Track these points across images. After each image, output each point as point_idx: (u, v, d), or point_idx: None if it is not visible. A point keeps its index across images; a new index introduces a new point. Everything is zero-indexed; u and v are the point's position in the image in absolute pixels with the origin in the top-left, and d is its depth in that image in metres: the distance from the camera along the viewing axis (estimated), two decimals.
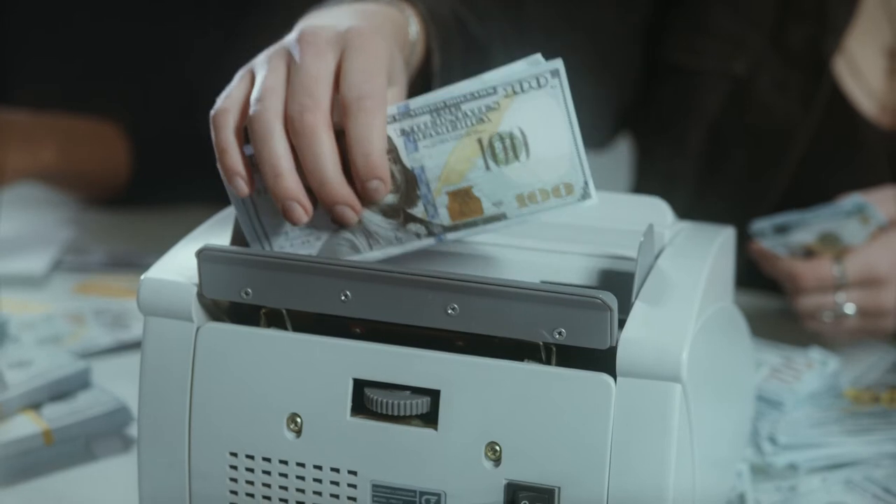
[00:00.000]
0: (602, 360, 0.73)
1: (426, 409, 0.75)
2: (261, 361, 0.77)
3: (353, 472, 0.76)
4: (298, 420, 0.76)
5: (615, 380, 0.73)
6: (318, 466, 0.76)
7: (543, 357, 0.74)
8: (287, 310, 0.78)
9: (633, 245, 0.77)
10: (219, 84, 0.82)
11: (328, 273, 0.76)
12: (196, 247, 0.78)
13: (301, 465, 0.77)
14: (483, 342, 0.75)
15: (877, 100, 1.23)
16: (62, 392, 0.98)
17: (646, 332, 0.73)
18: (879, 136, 1.22)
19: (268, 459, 0.77)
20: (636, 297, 0.75)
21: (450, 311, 0.74)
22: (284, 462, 0.77)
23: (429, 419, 0.75)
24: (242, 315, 0.79)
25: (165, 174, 1.45)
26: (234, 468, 0.78)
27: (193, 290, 0.78)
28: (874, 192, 1.08)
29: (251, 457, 0.77)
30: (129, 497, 0.81)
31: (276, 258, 0.77)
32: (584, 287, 0.76)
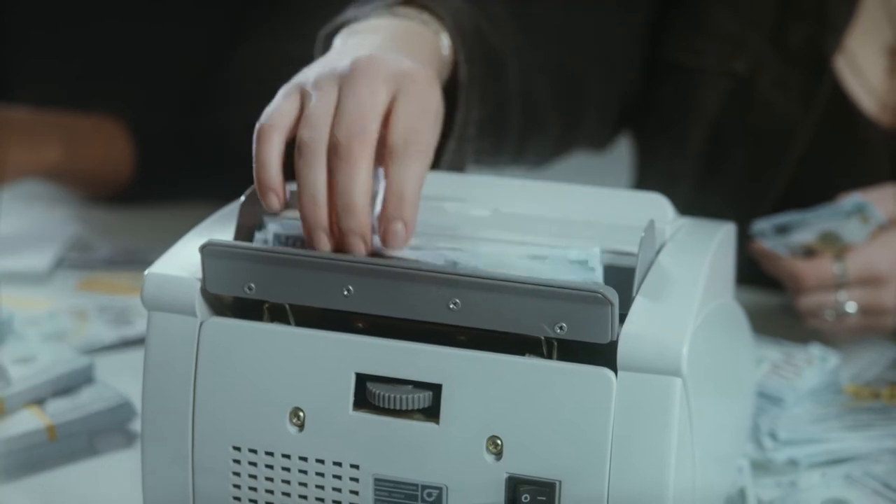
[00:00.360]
0: (603, 355, 0.74)
1: (428, 404, 0.75)
2: (264, 356, 0.77)
3: (356, 466, 0.76)
4: (301, 414, 0.77)
5: (616, 374, 0.73)
6: (321, 460, 0.77)
7: (545, 351, 0.75)
8: (290, 305, 0.78)
9: (634, 240, 0.78)
10: (222, 80, 0.83)
11: (331, 268, 0.76)
12: (200, 242, 0.78)
13: (303, 459, 0.77)
14: (485, 337, 0.75)
15: (877, 98, 1.23)
16: (65, 388, 0.99)
17: (646, 327, 0.74)
18: (880, 135, 1.23)
19: (270, 453, 0.77)
20: (637, 292, 0.76)
21: (451, 306, 0.75)
22: (287, 456, 0.77)
23: (430, 413, 0.75)
24: (246, 310, 0.79)
25: (169, 171, 1.45)
26: (237, 462, 0.78)
27: (197, 286, 0.78)
28: (874, 192, 1.09)
29: (254, 451, 0.78)
30: (133, 492, 0.82)
31: (279, 253, 0.77)
32: (585, 282, 0.76)
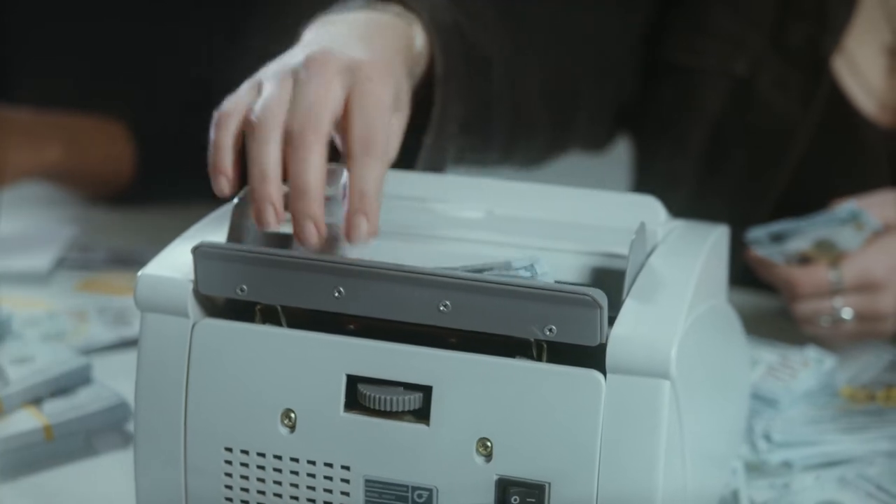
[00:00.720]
0: (593, 357, 0.74)
1: (418, 405, 0.76)
2: (255, 357, 0.78)
3: (347, 467, 0.77)
4: (293, 415, 0.77)
5: (605, 376, 0.73)
6: (312, 461, 0.77)
7: (535, 354, 0.75)
8: (282, 306, 0.78)
9: (626, 243, 0.78)
10: (223, 81, 0.83)
11: (322, 270, 0.77)
12: (192, 244, 0.79)
13: (295, 461, 0.77)
14: (475, 339, 0.76)
15: (877, 98, 1.23)
16: (63, 388, 0.99)
17: (635, 329, 0.74)
18: (879, 135, 1.23)
19: (262, 454, 0.78)
20: (627, 295, 0.76)
21: (442, 308, 0.75)
22: (278, 457, 0.78)
23: (421, 415, 0.76)
24: (238, 311, 0.80)
25: (169, 172, 1.45)
26: (229, 463, 0.78)
27: (189, 287, 0.79)
28: (868, 198, 1.09)
29: (246, 451, 0.78)
30: (129, 492, 0.82)
31: (271, 255, 0.78)
32: (575, 284, 0.77)
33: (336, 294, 0.76)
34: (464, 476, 0.75)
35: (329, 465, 0.77)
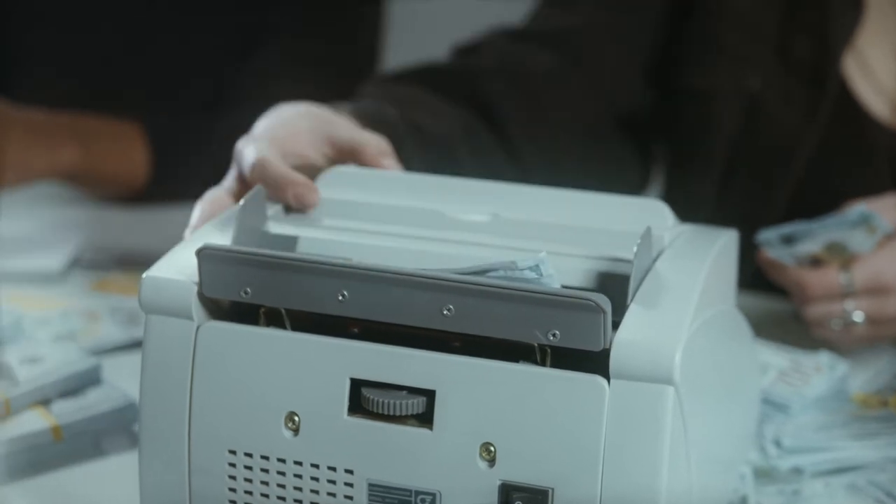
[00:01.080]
0: (596, 362, 0.74)
1: (422, 409, 0.75)
2: (259, 360, 0.78)
3: (350, 471, 0.76)
4: (296, 419, 0.77)
5: (608, 381, 0.73)
6: (316, 465, 0.77)
7: (538, 358, 0.75)
8: (286, 309, 0.78)
9: (632, 247, 0.77)
10: (236, 83, 0.83)
11: (326, 273, 0.76)
12: (197, 246, 0.79)
13: (298, 464, 0.77)
14: (479, 343, 0.75)
15: (889, 99, 1.22)
16: (72, 388, 0.99)
17: (639, 335, 0.73)
18: (890, 138, 1.22)
19: (266, 458, 0.78)
20: (631, 300, 0.76)
21: (445, 312, 0.75)
22: (282, 460, 0.77)
23: (424, 419, 0.75)
24: (243, 314, 0.80)
25: (184, 172, 1.45)
26: (233, 466, 0.78)
27: (194, 289, 0.79)
28: (879, 201, 1.08)
29: (249, 455, 0.78)
30: (137, 493, 0.82)
31: (275, 258, 0.78)
32: (579, 289, 0.76)
33: (340, 297, 0.76)
34: (467, 481, 0.75)
35: (332, 469, 0.77)
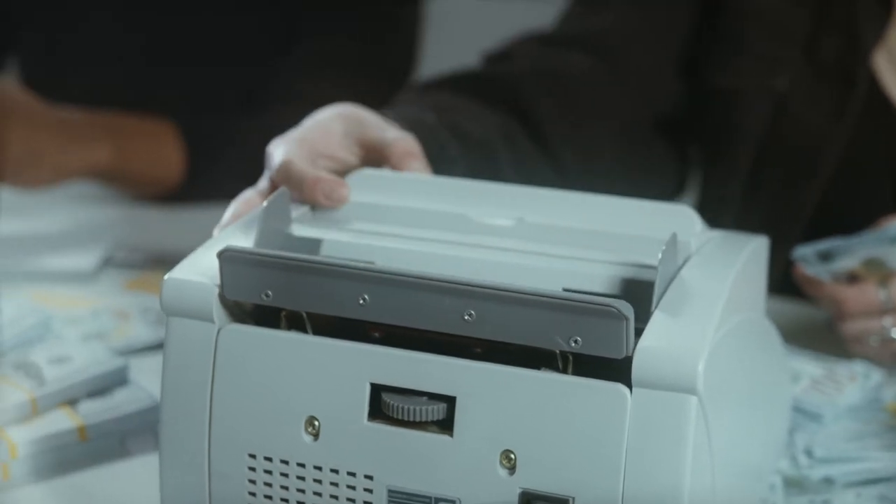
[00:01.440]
0: (619, 370, 0.73)
1: (442, 416, 0.75)
2: (280, 364, 0.77)
3: (370, 477, 0.76)
4: (316, 423, 0.77)
5: (631, 390, 0.72)
6: (335, 470, 0.76)
7: (560, 365, 0.74)
8: (307, 312, 0.78)
9: (657, 253, 0.76)
10: (271, 81, 0.83)
11: (347, 276, 0.76)
12: (219, 248, 0.78)
13: (318, 469, 0.77)
14: (500, 349, 0.75)
15: None
16: (99, 388, 0.99)
17: (663, 343, 0.72)
18: None
19: (285, 462, 0.77)
20: (655, 307, 0.75)
21: (467, 318, 0.74)
22: (302, 465, 0.77)
23: (444, 425, 0.75)
24: (264, 317, 0.79)
25: (218, 171, 1.45)
26: (253, 470, 0.78)
27: (215, 291, 0.78)
28: None
29: (269, 459, 0.77)
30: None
31: (297, 261, 0.77)
32: (602, 295, 0.75)
33: (361, 301, 0.76)
34: (487, 488, 0.74)
35: (352, 475, 0.76)
